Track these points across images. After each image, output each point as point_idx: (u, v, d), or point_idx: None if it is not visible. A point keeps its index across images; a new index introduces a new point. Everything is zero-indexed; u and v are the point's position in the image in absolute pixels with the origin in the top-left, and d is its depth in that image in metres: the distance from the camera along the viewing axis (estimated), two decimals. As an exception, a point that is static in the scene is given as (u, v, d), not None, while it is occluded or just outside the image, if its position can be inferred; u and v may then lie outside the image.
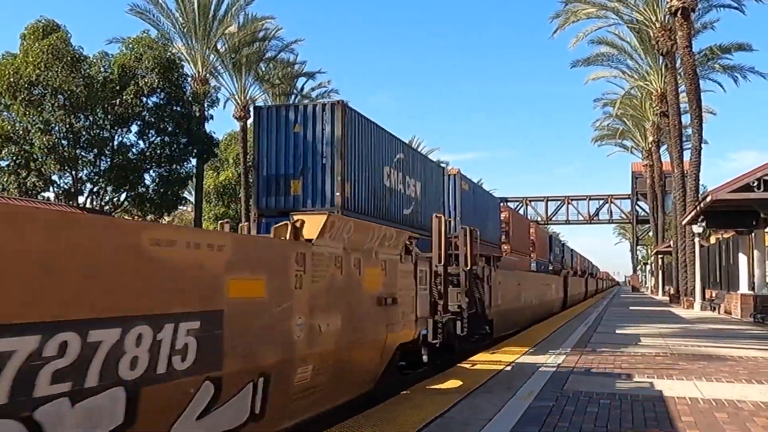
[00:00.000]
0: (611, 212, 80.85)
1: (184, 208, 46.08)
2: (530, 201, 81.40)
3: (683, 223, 29.88)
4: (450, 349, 11.48)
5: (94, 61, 29.32)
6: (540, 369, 9.40)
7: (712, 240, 34.04)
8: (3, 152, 27.64)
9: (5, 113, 28.51)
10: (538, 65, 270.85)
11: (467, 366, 9.97)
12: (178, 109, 31.49)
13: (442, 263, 10.50)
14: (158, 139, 31.61)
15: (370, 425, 5.90)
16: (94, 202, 30.67)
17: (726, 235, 28.18)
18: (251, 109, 36.56)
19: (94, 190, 30.88)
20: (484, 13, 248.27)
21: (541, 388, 7.88)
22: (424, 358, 10.37)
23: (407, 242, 8.93)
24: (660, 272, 59.62)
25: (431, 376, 9.03)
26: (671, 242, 40.82)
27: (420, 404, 6.78)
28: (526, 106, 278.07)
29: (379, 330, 7.64)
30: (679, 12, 29.52)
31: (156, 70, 29.53)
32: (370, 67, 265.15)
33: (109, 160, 30.36)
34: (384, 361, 8.16)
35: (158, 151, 31.58)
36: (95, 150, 29.72)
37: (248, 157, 36.33)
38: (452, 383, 8.22)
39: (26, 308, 3.17)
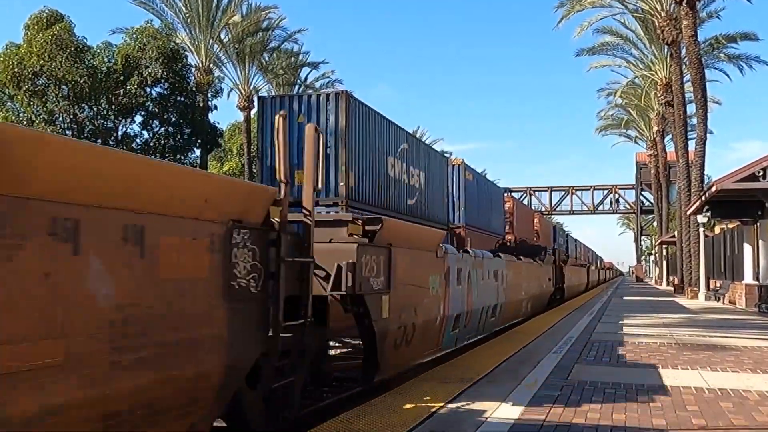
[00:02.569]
0: (616, 202, 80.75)
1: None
2: (534, 191, 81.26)
3: (688, 213, 29.83)
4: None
5: (98, 51, 29.29)
6: (544, 358, 9.41)
7: (717, 230, 33.96)
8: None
9: (9, 103, 28.54)
10: (543, 55, 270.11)
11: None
12: (182, 99, 31.48)
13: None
14: (162, 129, 31.63)
15: (376, 414, 5.92)
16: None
17: (731, 225, 28.11)
18: (255, 99, 36.54)
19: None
20: (484, 2, 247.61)
21: (546, 377, 7.89)
22: None
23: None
24: (664, 262, 59.57)
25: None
26: (675, 232, 40.77)
27: (425, 394, 6.79)
28: (530, 96, 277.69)
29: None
30: (685, 1, 29.37)
31: (159, 60, 29.49)
32: (369, 58, 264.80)
33: (113, 150, 30.42)
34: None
35: (162, 142, 31.60)
36: (99, 140, 29.72)
37: (252, 147, 36.32)
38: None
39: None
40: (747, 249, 22.97)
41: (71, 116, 28.19)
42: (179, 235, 3.82)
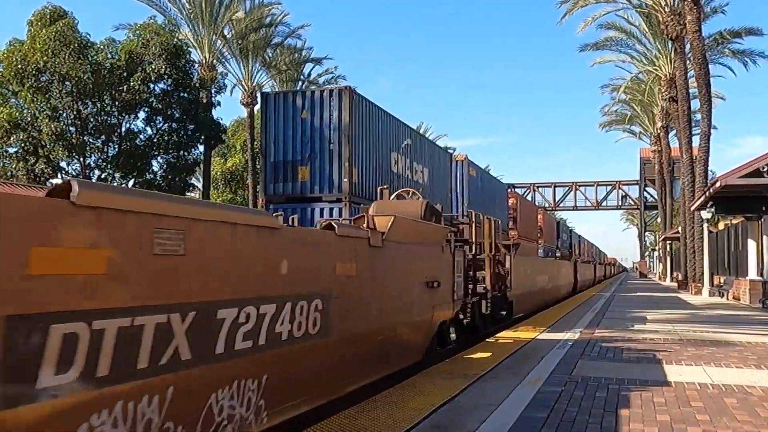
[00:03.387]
0: (620, 198, 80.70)
1: (192, 194, 46.17)
2: (538, 187, 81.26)
3: (692, 208, 29.73)
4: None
5: (101, 47, 29.26)
6: (548, 354, 9.40)
7: (721, 226, 33.91)
8: (11, 139, 27.68)
9: (13, 100, 28.54)
10: (547, 50, 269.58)
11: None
12: (186, 95, 31.44)
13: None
14: (166, 125, 31.59)
15: (379, 409, 5.93)
16: (102, 189, 30.67)
17: (735, 221, 28.04)
18: (258, 95, 36.55)
19: (102, 176, 30.93)
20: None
21: (550, 373, 7.88)
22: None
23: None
24: (668, 258, 59.46)
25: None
26: (679, 228, 40.69)
27: (428, 390, 6.80)
28: (533, 91, 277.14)
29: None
30: (689, -4, 29.23)
31: (163, 56, 29.46)
32: (370, 52, 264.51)
33: (116, 146, 30.39)
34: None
35: (166, 138, 31.56)
36: (103, 136, 29.73)
37: (255, 143, 36.30)
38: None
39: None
40: (751, 245, 22.90)
41: (75, 112, 28.16)
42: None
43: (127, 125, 31.03)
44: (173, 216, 3.93)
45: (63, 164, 29.74)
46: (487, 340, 11.59)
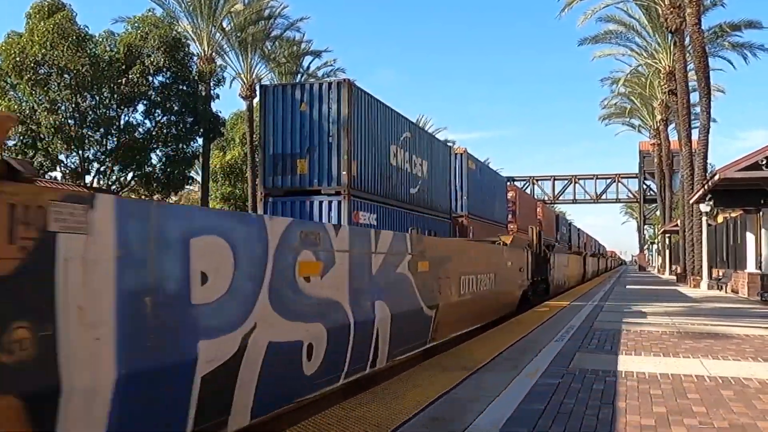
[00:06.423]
0: (619, 191, 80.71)
1: (191, 187, 46.19)
2: (537, 180, 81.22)
3: (691, 202, 29.76)
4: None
5: (100, 40, 29.23)
6: (546, 346, 9.43)
7: (720, 219, 33.91)
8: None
9: (12, 93, 28.51)
10: (546, 42, 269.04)
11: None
12: (184, 88, 31.42)
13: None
14: (164, 118, 31.58)
15: (377, 402, 5.95)
16: (101, 182, 30.75)
17: (734, 214, 28.06)
18: (257, 88, 36.46)
19: (101, 169, 30.94)
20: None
21: (547, 365, 7.91)
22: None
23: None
24: (667, 251, 59.51)
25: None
26: (678, 221, 40.71)
27: (426, 382, 6.82)
28: (533, 84, 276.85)
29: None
30: (689, -12, 29.16)
31: (162, 49, 29.44)
32: (371, 43, 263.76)
33: (115, 139, 30.38)
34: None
35: (165, 131, 31.56)
36: (102, 129, 29.72)
37: (255, 136, 36.27)
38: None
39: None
40: (750, 238, 22.94)
41: (74, 105, 28.16)
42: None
43: (126, 118, 31.03)
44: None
45: (62, 157, 29.74)
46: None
